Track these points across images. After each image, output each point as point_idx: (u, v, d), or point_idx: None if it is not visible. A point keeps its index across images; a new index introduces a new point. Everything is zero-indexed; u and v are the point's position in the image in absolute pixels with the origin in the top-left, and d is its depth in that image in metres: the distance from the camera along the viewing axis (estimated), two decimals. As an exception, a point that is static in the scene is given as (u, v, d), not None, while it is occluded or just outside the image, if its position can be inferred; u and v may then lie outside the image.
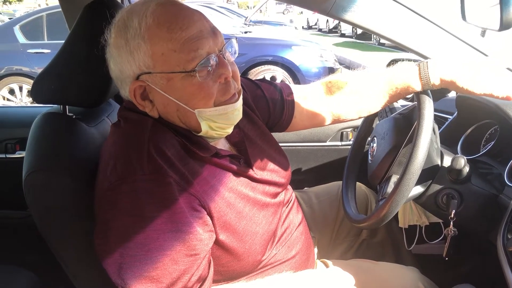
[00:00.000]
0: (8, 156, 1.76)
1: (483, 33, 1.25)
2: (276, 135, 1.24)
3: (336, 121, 1.33)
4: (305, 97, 1.31)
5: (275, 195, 1.13)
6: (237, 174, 1.05)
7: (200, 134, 1.00)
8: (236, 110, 1.01)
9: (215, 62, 0.95)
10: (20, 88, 6.38)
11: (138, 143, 0.93)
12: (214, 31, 0.97)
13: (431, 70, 1.09)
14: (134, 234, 0.86)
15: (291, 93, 1.31)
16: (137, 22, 0.92)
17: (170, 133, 0.98)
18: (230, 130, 1.04)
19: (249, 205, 1.03)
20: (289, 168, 1.22)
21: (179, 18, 0.93)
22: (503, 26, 1.08)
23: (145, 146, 0.92)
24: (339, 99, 1.28)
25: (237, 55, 1.04)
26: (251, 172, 1.08)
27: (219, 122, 0.99)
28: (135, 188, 0.88)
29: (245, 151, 1.11)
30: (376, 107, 1.25)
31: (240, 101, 1.03)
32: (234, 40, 1.03)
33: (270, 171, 1.14)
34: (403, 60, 1.75)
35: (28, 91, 6.36)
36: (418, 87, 1.11)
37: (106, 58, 1.00)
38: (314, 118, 1.32)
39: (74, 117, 1.19)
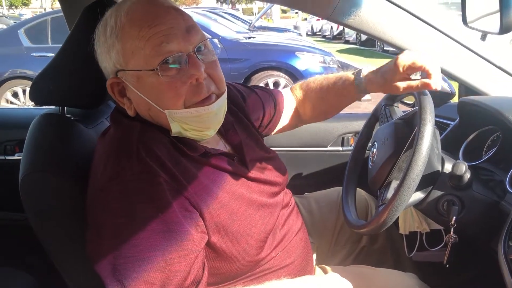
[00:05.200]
0: (7, 157, 1.76)
1: (483, 37, 1.24)
2: (276, 140, 1.24)
3: (303, 122, 1.47)
4: (285, 101, 1.39)
5: (272, 195, 1.12)
6: (232, 173, 1.04)
7: (173, 134, 0.98)
8: (212, 113, 0.98)
9: (184, 62, 0.93)
10: (24, 91, 6.40)
11: (127, 144, 0.94)
12: (188, 30, 0.95)
13: (363, 77, 1.20)
14: (126, 235, 0.85)
15: (283, 99, 1.38)
16: (113, 21, 0.94)
17: (160, 134, 0.98)
18: (209, 133, 1.02)
19: (244, 205, 1.02)
20: (285, 170, 1.22)
21: (149, 16, 0.93)
22: (503, 29, 1.07)
23: (134, 146, 0.92)
24: (305, 102, 1.40)
25: (218, 53, 1.01)
26: (246, 171, 1.07)
27: (192, 125, 0.97)
28: (125, 189, 0.88)
29: (240, 150, 1.10)
30: (331, 110, 1.39)
31: (218, 104, 0.99)
32: (216, 40, 1.02)
33: (265, 170, 1.14)
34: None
35: (32, 94, 6.39)
36: (355, 91, 1.23)
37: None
38: (291, 120, 1.43)
39: (72, 118, 1.18)
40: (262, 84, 6.14)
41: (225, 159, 1.05)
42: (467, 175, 1.09)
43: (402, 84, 1.07)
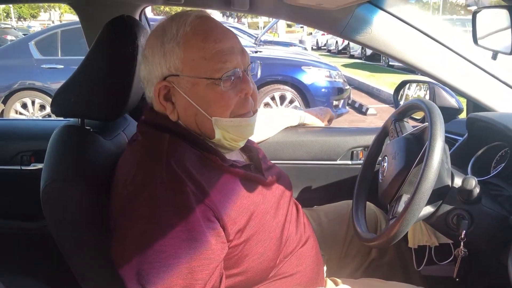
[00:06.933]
0: (23, 168, 1.79)
1: (494, 56, 1.26)
2: (286, 153, 1.25)
3: None
4: None
5: (284, 202, 1.16)
6: (250, 181, 1.08)
7: (213, 140, 1.06)
8: (250, 125, 1.08)
9: (239, 77, 1.03)
10: (33, 102, 6.45)
11: (157, 153, 0.98)
12: (243, 51, 1.06)
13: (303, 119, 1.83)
14: (152, 241, 0.88)
15: None
16: (175, 28, 1.01)
17: (186, 145, 1.03)
18: (241, 144, 1.11)
19: (261, 212, 1.06)
20: (288, 178, 1.28)
21: (214, 31, 1.02)
22: (515, 49, 1.10)
23: (163, 156, 0.97)
24: None
25: (258, 76, 1.12)
26: (262, 178, 1.12)
27: (232, 134, 1.05)
28: (153, 196, 0.91)
29: (257, 159, 1.17)
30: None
31: (255, 118, 1.09)
32: (259, 63, 1.11)
33: (276, 177, 1.19)
34: (413, 81, 1.78)
35: (40, 105, 6.45)
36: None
37: (138, 59, 1.09)
38: None
39: (91, 130, 1.21)
40: (268, 98, 6.18)
41: (243, 167, 1.10)
42: (477, 190, 1.10)
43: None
